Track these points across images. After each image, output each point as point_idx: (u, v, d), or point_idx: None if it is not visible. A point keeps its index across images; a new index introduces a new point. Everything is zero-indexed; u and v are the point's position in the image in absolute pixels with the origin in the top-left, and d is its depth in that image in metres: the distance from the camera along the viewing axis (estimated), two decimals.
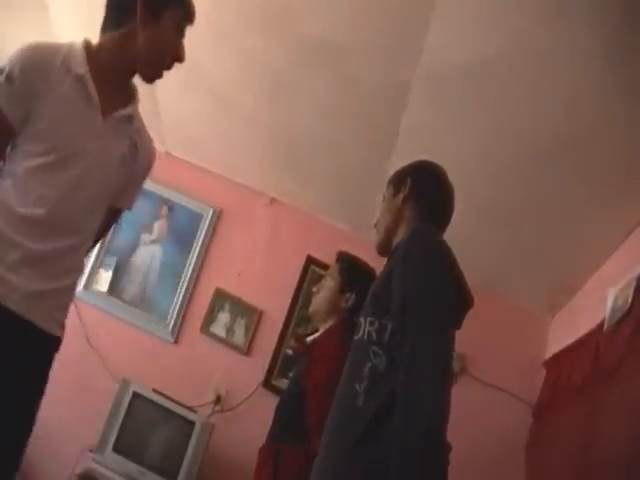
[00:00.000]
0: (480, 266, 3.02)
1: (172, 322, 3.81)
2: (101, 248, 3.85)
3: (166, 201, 3.97)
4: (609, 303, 2.49)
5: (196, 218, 3.97)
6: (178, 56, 1.71)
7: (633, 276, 2.34)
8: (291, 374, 2.94)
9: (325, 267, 3.45)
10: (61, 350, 1.67)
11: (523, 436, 3.35)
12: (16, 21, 3.35)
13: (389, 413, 1.44)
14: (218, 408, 3.61)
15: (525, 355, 3.52)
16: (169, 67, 1.72)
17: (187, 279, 3.87)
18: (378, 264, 1.93)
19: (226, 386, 3.65)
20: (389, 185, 1.88)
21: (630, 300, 2.30)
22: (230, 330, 3.79)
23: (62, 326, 1.66)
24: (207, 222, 3.95)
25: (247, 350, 3.74)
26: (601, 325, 2.56)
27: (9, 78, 1.52)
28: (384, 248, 1.81)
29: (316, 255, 3.82)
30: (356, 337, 1.63)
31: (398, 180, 1.85)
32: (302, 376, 2.44)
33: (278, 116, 3.34)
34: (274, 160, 3.71)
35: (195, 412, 3.37)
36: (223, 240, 3.96)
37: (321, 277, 3.20)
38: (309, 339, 2.63)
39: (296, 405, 2.37)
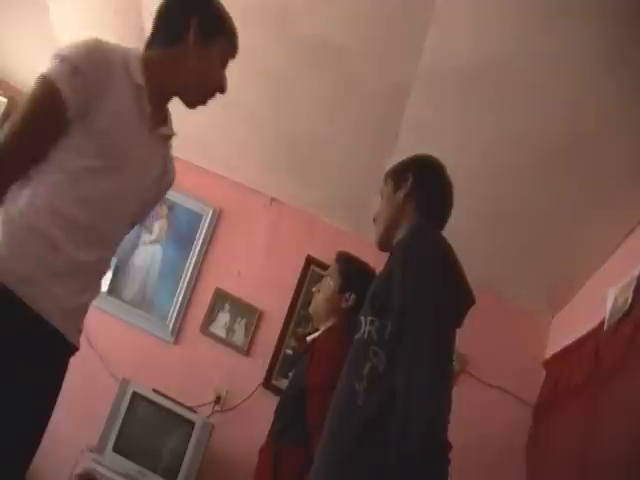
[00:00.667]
0: (480, 266, 3.01)
1: (172, 322, 3.80)
2: None
3: (166, 201, 3.96)
4: (609, 303, 2.49)
5: (196, 218, 3.97)
6: (221, 86, 1.70)
7: (633, 276, 2.34)
8: (291, 374, 2.94)
9: (325, 267, 3.44)
10: None
11: (523, 436, 3.35)
12: (16, 21, 3.35)
13: (388, 412, 1.44)
14: (218, 408, 3.61)
15: (525, 355, 3.52)
16: (212, 95, 1.70)
17: (187, 279, 3.86)
18: (378, 264, 1.92)
19: (226, 386, 3.65)
20: (388, 180, 1.86)
21: (630, 300, 2.30)
22: (230, 330, 3.78)
23: (80, 333, 1.65)
24: (207, 222, 3.95)
25: (247, 350, 3.74)
26: (601, 325, 2.56)
27: (76, 70, 1.43)
28: (384, 244, 1.81)
29: (316, 255, 3.81)
30: (356, 336, 1.63)
31: (398, 176, 1.83)
32: (302, 376, 2.44)
33: (278, 116, 3.33)
34: (274, 160, 3.71)
35: (195, 412, 3.36)
36: (223, 240, 3.96)
37: (321, 277, 3.19)
38: (309, 338, 2.64)
39: (296, 405, 2.37)
